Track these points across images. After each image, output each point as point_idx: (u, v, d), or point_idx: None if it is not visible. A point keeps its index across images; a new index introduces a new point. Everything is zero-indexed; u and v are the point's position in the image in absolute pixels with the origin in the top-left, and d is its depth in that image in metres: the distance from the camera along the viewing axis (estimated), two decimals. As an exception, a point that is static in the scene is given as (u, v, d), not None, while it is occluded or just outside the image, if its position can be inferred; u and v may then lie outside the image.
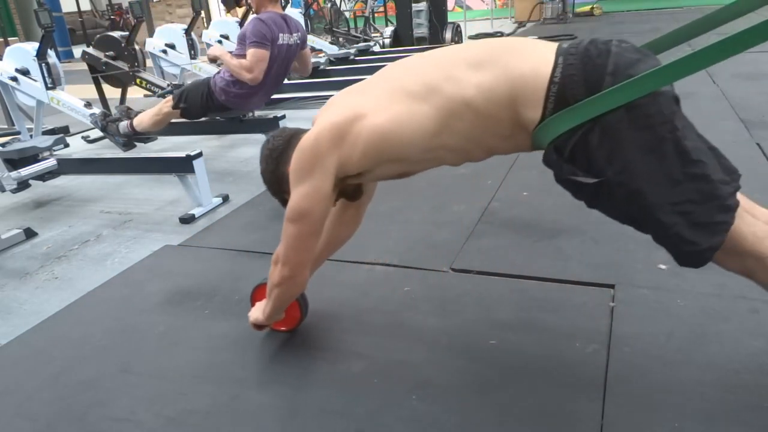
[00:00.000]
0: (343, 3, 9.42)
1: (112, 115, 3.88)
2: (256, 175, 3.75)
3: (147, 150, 4.26)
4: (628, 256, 2.03)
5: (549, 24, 11.24)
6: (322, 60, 6.05)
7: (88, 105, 3.82)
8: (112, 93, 5.05)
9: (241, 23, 5.49)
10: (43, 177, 3.30)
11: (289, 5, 6.44)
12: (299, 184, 1.39)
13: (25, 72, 3.84)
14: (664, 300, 1.76)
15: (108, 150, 4.33)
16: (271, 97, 4.59)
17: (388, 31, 8.42)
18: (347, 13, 9.85)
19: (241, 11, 5.07)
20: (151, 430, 1.44)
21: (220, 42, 5.50)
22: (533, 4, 12.17)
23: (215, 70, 5.13)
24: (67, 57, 12.51)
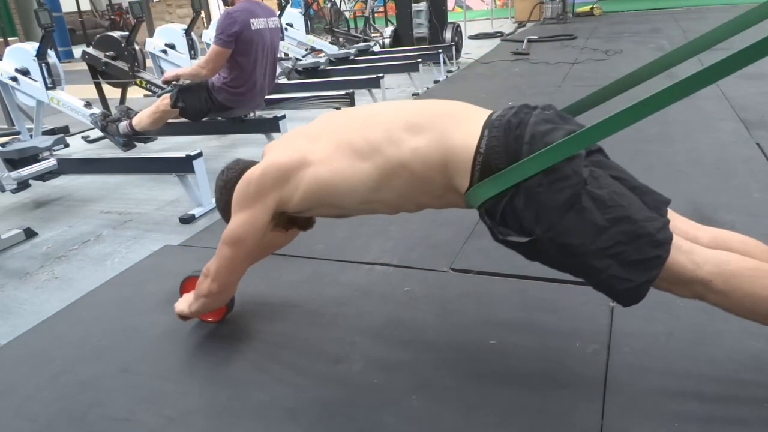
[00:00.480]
0: (343, 3, 9.42)
1: (112, 115, 3.88)
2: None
3: (147, 150, 4.26)
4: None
5: (549, 24, 11.23)
6: (322, 60, 6.04)
7: (88, 105, 3.82)
8: (112, 93, 5.05)
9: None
10: (43, 177, 3.30)
11: (289, 5, 6.44)
12: (240, 211, 1.51)
13: (25, 72, 3.83)
14: (664, 300, 1.75)
15: (108, 150, 4.33)
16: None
17: (388, 31, 8.41)
18: (347, 13, 9.85)
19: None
20: (151, 430, 1.44)
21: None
22: (533, 4, 12.17)
23: None
24: (67, 57, 12.51)
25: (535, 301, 1.83)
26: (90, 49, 4.82)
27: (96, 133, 4.39)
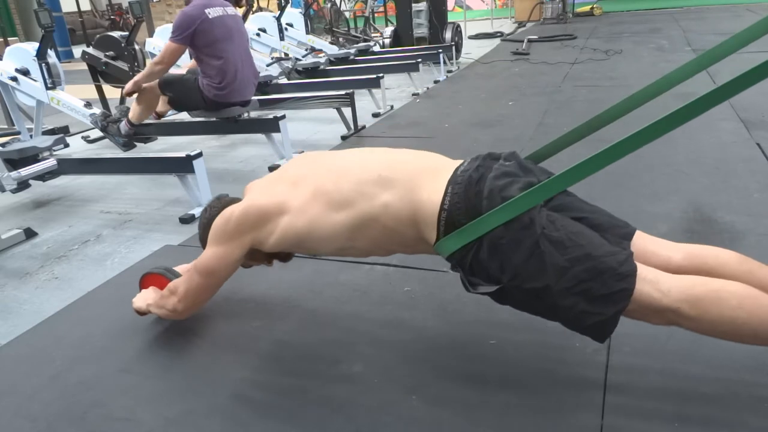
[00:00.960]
0: (343, 3, 9.43)
1: (112, 116, 3.88)
2: (256, 175, 3.76)
3: (147, 150, 4.26)
4: (628, 256, 2.03)
5: (549, 24, 11.24)
6: (322, 60, 6.04)
7: (88, 105, 3.82)
8: (112, 93, 5.05)
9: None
10: (43, 177, 3.30)
11: (289, 5, 6.44)
12: (216, 245, 1.58)
13: (25, 72, 3.83)
14: (664, 300, 1.75)
15: (108, 150, 4.33)
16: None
17: (388, 31, 8.41)
18: (347, 13, 9.86)
19: (241, 11, 5.07)
20: (151, 430, 1.44)
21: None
22: (533, 4, 12.17)
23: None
24: (67, 57, 12.51)
25: (535, 301, 1.83)
26: (90, 49, 4.82)
27: (96, 133, 4.40)
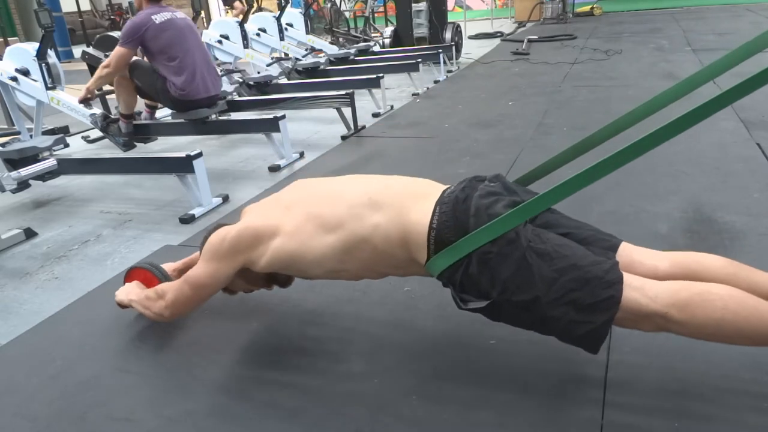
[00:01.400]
0: (343, 3, 9.43)
1: (112, 116, 3.88)
2: (256, 175, 3.77)
3: (147, 150, 4.27)
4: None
5: (549, 24, 11.24)
6: (322, 60, 6.04)
7: (88, 105, 3.82)
8: (112, 93, 5.05)
9: (241, 23, 5.49)
10: (43, 177, 3.30)
11: (289, 5, 6.44)
12: (209, 261, 1.60)
13: (25, 72, 3.83)
14: (664, 300, 1.75)
15: (108, 150, 4.33)
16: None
17: (388, 31, 8.41)
18: (347, 13, 9.86)
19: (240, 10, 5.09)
20: (151, 430, 1.44)
21: (220, 42, 5.50)
22: (533, 4, 12.18)
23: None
24: (67, 57, 12.50)
25: (535, 301, 1.83)
26: (90, 49, 4.81)
27: (96, 133, 4.40)
